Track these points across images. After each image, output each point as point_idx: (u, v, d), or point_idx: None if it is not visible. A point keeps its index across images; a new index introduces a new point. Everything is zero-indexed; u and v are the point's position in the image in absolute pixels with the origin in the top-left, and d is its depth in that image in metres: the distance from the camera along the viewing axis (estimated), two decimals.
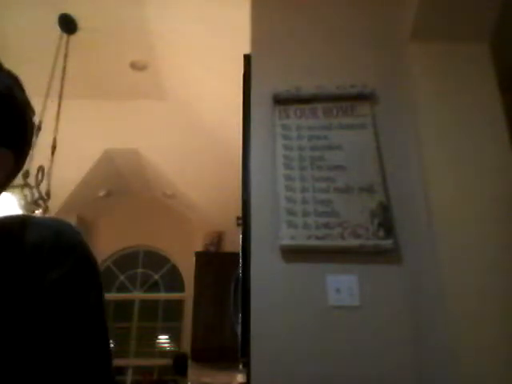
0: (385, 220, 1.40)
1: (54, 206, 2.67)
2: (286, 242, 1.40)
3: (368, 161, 1.50)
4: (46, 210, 2.46)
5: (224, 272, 4.43)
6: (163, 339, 5.12)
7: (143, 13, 2.58)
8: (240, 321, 1.45)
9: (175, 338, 5.00)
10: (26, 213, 2.34)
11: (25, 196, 2.36)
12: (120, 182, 4.90)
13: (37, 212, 2.39)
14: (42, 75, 2.67)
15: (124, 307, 5.09)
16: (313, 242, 1.39)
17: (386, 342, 1.30)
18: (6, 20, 2.61)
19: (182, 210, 5.26)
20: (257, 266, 1.40)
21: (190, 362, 4.25)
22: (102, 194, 4.92)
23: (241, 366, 2.20)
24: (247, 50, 1.78)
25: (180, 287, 5.22)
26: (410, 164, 1.51)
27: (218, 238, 5.12)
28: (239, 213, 1.58)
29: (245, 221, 1.50)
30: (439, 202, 1.40)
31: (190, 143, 3.88)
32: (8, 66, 0.59)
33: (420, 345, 1.29)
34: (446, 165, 1.44)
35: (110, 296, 4.95)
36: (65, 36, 2.71)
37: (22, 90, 0.60)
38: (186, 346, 4.55)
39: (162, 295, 5.24)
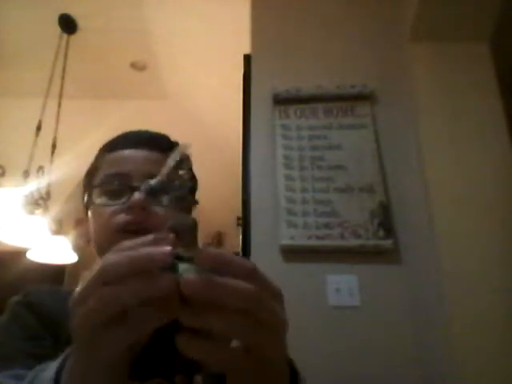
0: (385, 220, 1.40)
1: (54, 206, 2.67)
2: (286, 241, 1.40)
3: (368, 161, 1.50)
4: (45, 209, 2.45)
5: None
6: None
7: (143, 13, 2.58)
8: None
9: None
10: (26, 213, 2.34)
11: (25, 196, 2.36)
12: None
13: (37, 212, 2.39)
14: (42, 75, 2.67)
15: None
16: (313, 242, 1.39)
17: (386, 341, 1.30)
18: (6, 20, 2.61)
19: None
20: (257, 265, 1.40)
21: None
22: None
23: None
24: (247, 49, 1.78)
25: None
26: (410, 164, 1.51)
27: (218, 238, 5.12)
28: (239, 213, 1.58)
29: (245, 221, 1.50)
30: (439, 202, 1.40)
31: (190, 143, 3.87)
32: (8, 66, 0.59)
33: (420, 345, 1.29)
34: (446, 165, 1.44)
35: None
36: (65, 36, 2.71)
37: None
38: None
39: None
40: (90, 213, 0.62)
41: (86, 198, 0.63)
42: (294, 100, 1.62)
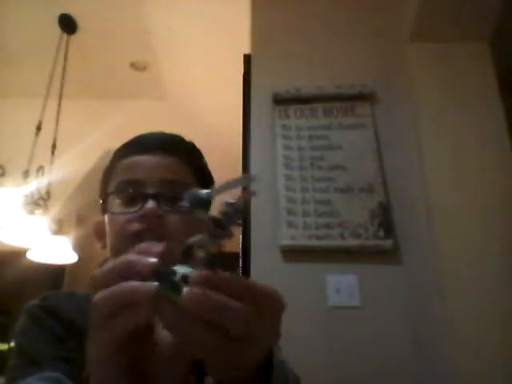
0: (385, 220, 1.40)
1: (54, 206, 2.67)
2: (286, 241, 1.40)
3: (368, 161, 1.50)
4: (45, 209, 2.45)
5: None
6: None
7: (143, 13, 2.58)
8: None
9: None
10: (26, 213, 2.34)
11: (25, 196, 2.36)
12: None
13: (37, 212, 2.39)
14: (42, 75, 2.67)
15: None
16: (313, 242, 1.39)
17: (386, 342, 1.30)
18: (6, 20, 2.61)
19: None
20: (257, 265, 1.40)
21: None
22: None
23: None
24: (247, 49, 1.78)
25: None
26: (410, 164, 1.51)
27: None
28: None
29: (245, 221, 1.50)
30: (439, 202, 1.40)
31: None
32: (8, 66, 0.59)
33: (420, 345, 1.29)
34: (445, 165, 1.44)
35: None
36: (65, 36, 2.71)
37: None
38: None
39: None
40: (106, 219, 0.63)
41: (101, 203, 0.65)
42: (294, 100, 1.62)
